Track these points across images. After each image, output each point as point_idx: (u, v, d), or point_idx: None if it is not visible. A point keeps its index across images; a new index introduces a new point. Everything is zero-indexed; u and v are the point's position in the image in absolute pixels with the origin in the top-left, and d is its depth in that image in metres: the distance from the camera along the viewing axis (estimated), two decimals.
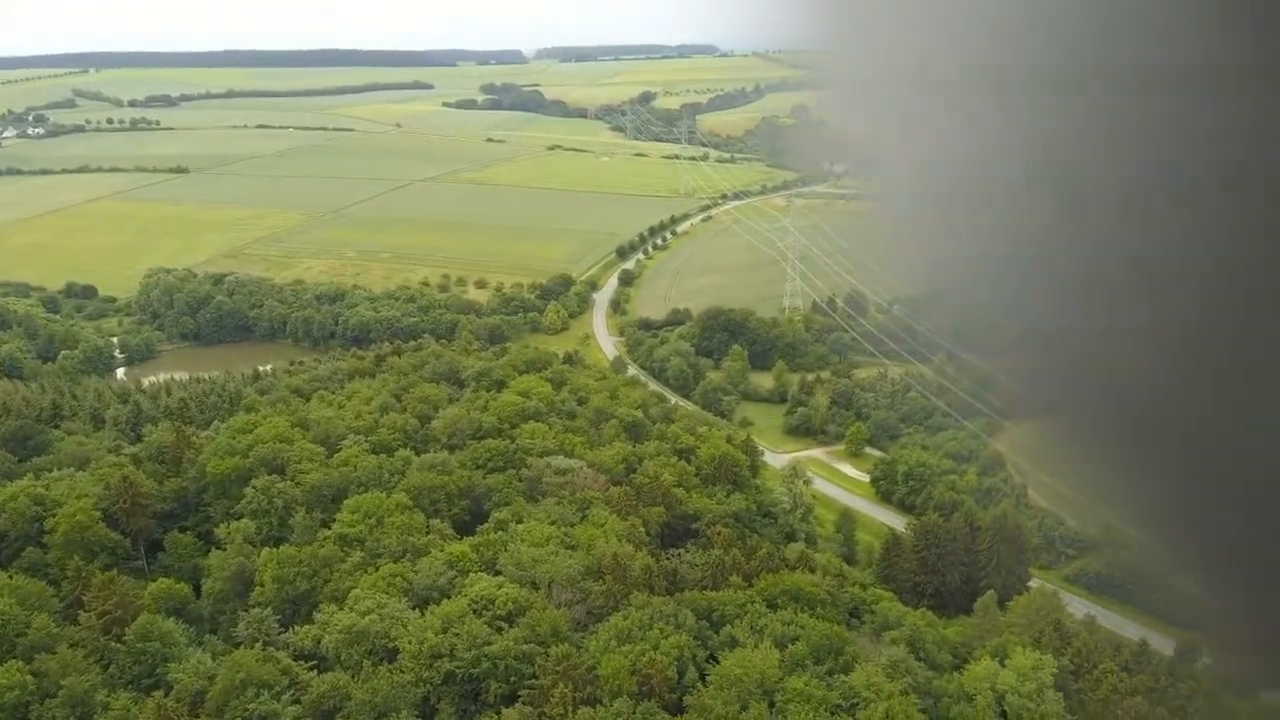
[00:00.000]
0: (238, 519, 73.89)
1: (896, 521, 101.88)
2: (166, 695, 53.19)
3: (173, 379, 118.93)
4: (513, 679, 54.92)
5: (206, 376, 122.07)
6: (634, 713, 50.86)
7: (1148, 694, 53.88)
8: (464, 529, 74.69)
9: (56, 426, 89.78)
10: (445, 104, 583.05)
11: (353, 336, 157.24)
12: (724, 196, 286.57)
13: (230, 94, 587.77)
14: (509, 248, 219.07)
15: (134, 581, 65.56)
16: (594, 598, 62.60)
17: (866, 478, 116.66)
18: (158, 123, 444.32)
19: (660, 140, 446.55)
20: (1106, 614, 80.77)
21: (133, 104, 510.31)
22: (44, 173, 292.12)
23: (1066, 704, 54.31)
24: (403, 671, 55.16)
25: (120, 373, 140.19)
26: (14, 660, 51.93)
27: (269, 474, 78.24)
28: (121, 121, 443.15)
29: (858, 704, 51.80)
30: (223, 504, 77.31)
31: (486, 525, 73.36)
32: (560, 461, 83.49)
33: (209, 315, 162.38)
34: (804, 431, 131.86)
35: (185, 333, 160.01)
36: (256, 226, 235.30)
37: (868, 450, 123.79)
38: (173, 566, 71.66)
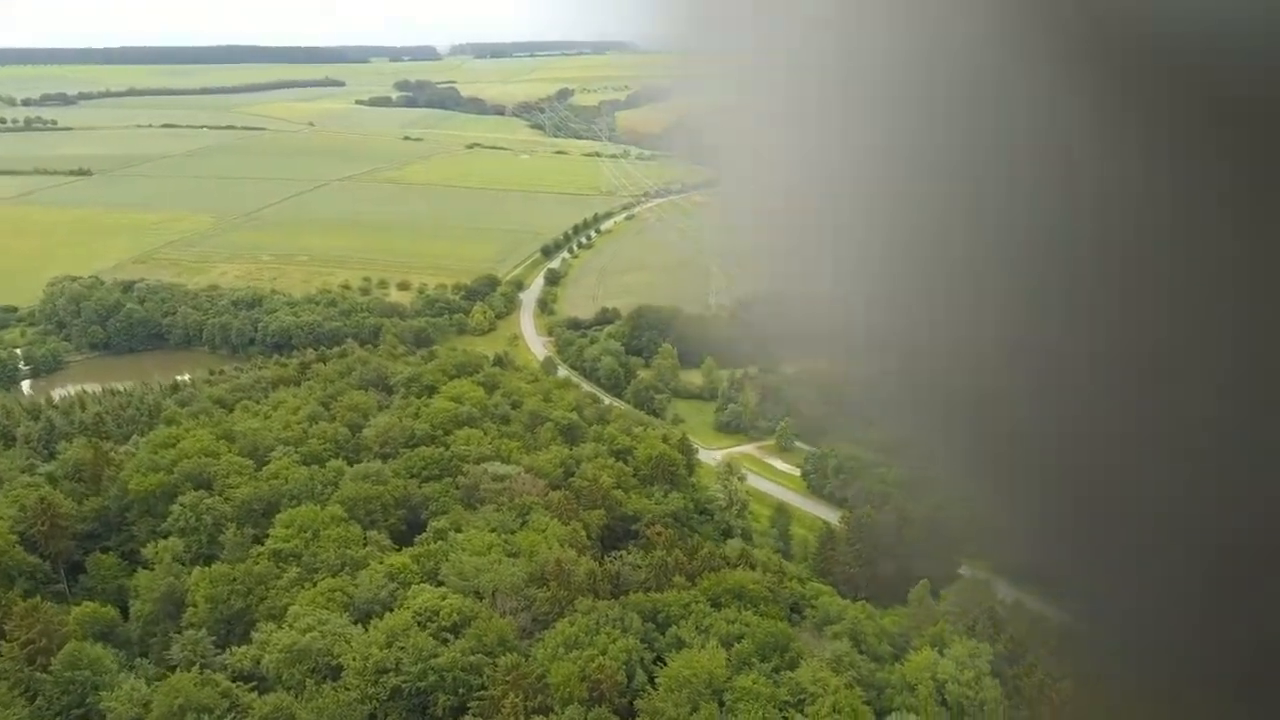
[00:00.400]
0: (164, 537, 71.54)
1: (828, 514, 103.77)
2: None
3: (85, 391, 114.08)
4: (461, 691, 54.45)
5: (121, 388, 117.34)
6: (586, 719, 50.90)
7: (1078, 678, 56.00)
8: (402, 539, 73.67)
9: None
10: (359, 102, 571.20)
11: (273, 343, 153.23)
12: (646, 194, 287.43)
13: (132, 92, 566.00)
14: (431, 248, 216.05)
15: (57, 606, 62.87)
16: (539, 605, 62.39)
17: (798, 471, 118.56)
18: (54, 122, 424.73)
19: (580, 138, 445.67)
20: (1031, 599, 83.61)
21: (27, 103, 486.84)
22: None
23: (1003, 689, 56.22)
24: (347, 689, 54.20)
25: (26, 386, 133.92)
26: None
27: (195, 489, 75.94)
28: (15, 121, 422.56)
29: (805, 699, 52.75)
30: (147, 522, 74.71)
31: (425, 535, 72.48)
32: (497, 467, 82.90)
33: (119, 324, 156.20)
34: (735, 428, 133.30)
35: (94, 342, 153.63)
36: (166, 230, 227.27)
37: (798, 445, 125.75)
38: (96, 589, 69.08)
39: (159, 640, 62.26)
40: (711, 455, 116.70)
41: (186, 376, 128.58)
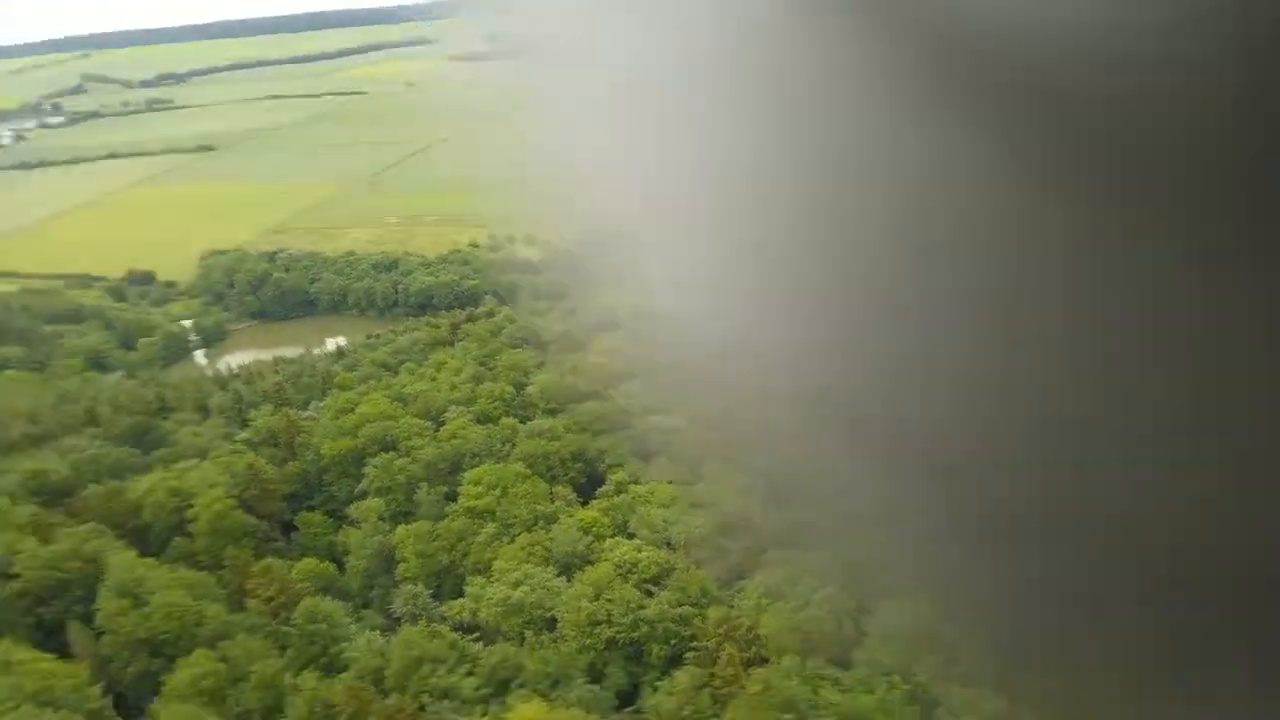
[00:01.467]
0: (363, 498, 75.62)
1: None
2: (342, 675, 55.25)
3: (259, 361, 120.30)
4: (672, 641, 56.47)
5: (290, 355, 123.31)
6: (804, 669, 52.26)
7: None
8: (583, 493, 76.06)
9: (165, 419, 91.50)
10: (453, 58, 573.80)
11: (415, 303, 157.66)
12: None
13: (235, 66, 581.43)
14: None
15: (282, 563, 67.52)
16: (733, 555, 63.84)
17: None
18: (171, 101, 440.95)
19: None
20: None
21: (144, 84, 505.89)
22: (75, 161, 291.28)
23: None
24: (566, 640, 56.85)
25: (199, 355, 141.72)
26: (202, 649, 53.99)
27: (382, 451, 79.77)
28: (136, 103, 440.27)
29: None
30: (345, 483, 79.05)
31: (606, 488, 74.66)
32: (663, 420, 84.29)
33: (270, 292, 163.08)
34: None
35: (251, 311, 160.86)
36: (293, 200, 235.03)
37: None
38: (309, 545, 73.53)
39: (378, 594, 66.30)
40: None
41: (342, 339, 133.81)
